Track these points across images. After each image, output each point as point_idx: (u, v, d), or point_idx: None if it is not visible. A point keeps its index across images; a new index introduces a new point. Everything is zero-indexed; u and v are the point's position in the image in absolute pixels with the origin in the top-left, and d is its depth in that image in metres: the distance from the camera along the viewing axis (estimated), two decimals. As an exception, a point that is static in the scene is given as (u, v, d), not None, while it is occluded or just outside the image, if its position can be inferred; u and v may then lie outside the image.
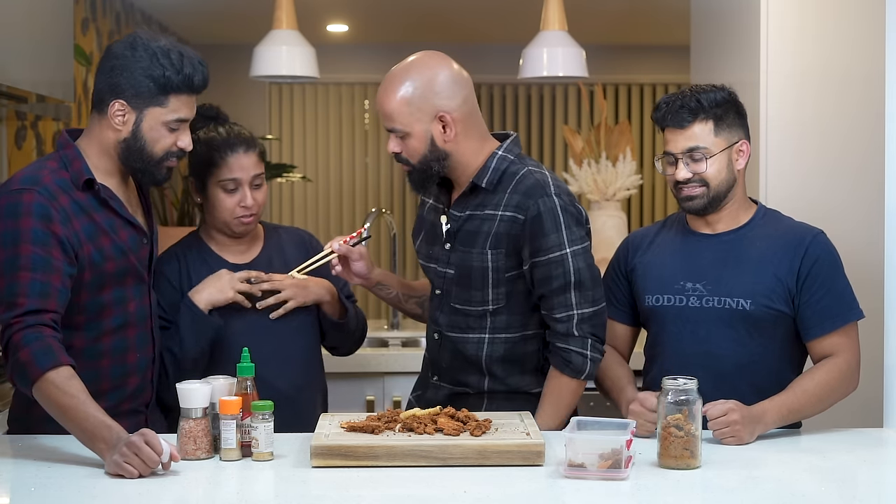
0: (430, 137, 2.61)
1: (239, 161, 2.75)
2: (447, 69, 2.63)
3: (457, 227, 2.69)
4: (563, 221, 2.59)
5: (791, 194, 3.44)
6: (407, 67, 2.63)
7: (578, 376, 2.62)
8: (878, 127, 2.97)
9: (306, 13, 4.91)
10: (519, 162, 2.66)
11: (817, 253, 2.59)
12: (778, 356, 2.62)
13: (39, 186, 2.40)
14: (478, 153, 2.66)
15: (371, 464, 2.25)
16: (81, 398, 2.26)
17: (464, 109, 2.63)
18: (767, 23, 3.51)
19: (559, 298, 2.61)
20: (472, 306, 2.68)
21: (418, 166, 2.64)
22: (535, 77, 4.43)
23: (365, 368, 3.88)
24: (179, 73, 2.45)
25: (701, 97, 2.59)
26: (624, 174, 4.51)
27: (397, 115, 2.60)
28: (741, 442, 2.43)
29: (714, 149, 2.59)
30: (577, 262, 2.59)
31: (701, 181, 2.60)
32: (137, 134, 2.47)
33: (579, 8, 4.95)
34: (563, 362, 2.62)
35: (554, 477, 2.21)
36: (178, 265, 2.83)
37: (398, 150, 2.64)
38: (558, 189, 2.62)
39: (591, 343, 2.62)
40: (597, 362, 2.64)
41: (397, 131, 2.62)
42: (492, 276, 2.64)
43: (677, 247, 2.70)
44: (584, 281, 2.60)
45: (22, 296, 2.33)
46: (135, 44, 2.47)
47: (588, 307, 2.61)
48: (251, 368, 2.38)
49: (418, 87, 2.60)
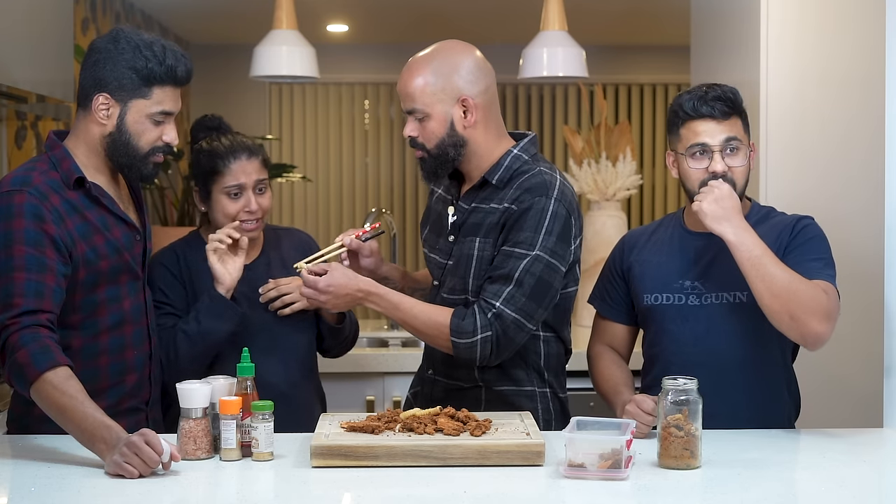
0: (450, 120, 2.61)
1: (242, 167, 2.78)
2: (472, 56, 2.66)
3: (462, 219, 2.68)
4: (547, 225, 2.55)
5: (790, 194, 3.44)
6: (432, 51, 2.65)
7: (451, 334, 2.55)
8: (877, 127, 2.97)
9: (306, 13, 4.91)
10: (532, 162, 2.66)
11: (802, 226, 2.59)
12: (777, 348, 2.62)
13: (30, 187, 2.40)
14: (494, 148, 2.66)
15: (371, 464, 2.25)
16: (80, 398, 2.26)
17: (485, 98, 2.64)
18: (767, 23, 3.51)
19: (494, 286, 2.56)
20: (455, 294, 2.67)
21: (434, 151, 2.63)
22: (535, 77, 4.43)
23: (365, 368, 3.88)
24: (162, 64, 2.46)
25: (733, 92, 2.58)
26: (624, 174, 4.51)
27: (419, 94, 2.60)
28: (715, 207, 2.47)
29: (744, 144, 2.59)
30: (535, 267, 2.54)
31: (729, 180, 2.55)
32: (122, 127, 2.47)
33: (579, 8, 4.95)
34: (461, 313, 2.56)
35: (554, 477, 2.21)
36: (176, 258, 2.85)
37: (415, 134, 2.64)
38: (562, 195, 2.60)
39: (488, 338, 2.54)
40: (472, 353, 2.55)
41: (417, 112, 2.62)
42: (475, 265, 2.63)
43: (675, 245, 2.70)
44: (524, 285, 2.54)
45: (17, 296, 2.33)
46: (117, 37, 2.48)
47: (512, 311, 2.54)
48: (251, 368, 2.39)
49: (443, 69, 2.61)
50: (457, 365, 2.70)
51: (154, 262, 2.81)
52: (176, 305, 2.79)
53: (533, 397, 2.71)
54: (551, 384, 2.74)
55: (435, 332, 2.59)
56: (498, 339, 2.55)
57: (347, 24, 6.41)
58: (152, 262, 2.78)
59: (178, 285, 2.81)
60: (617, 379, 2.68)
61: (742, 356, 2.60)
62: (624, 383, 2.66)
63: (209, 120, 2.91)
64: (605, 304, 2.79)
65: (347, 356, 3.18)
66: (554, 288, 2.59)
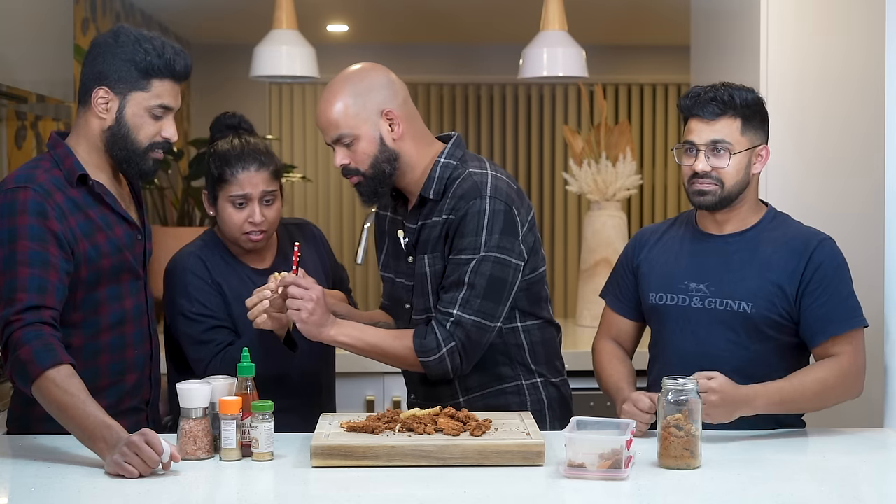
0: (379, 136, 2.61)
1: (249, 177, 2.73)
2: (383, 73, 2.67)
3: (414, 238, 2.68)
4: (487, 225, 2.55)
5: (790, 194, 3.44)
6: (342, 77, 2.65)
7: (418, 355, 2.56)
8: (877, 127, 2.97)
9: (306, 13, 4.90)
10: (461, 165, 2.65)
11: (821, 259, 2.57)
12: (777, 363, 2.60)
13: (34, 184, 2.41)
14: (424, 158, 2.66)
15: (371, 464, 2.25)
16: (81, 397, 2.26)
17: (405, 109, 2.65)
18: (767, 23, 3.51)
19: (448, 295, 2.56)
20: (420, 315, 2.67)
21: (369, 172, 2.62)
22: (535, 77, 4.43)
23: (365, 368, 3.88)
24: (161, 57, 2.47)
25: (734, 93, 2.58)
26: (624, 174, 4.50)
27: (343, 119, 2.60)
28: (711, 420, 2.40)
29: (737, 147, 2.58)
30: (483, 267, 2.55)
31: (716, 179, 2.57)
32: (121, 121, 2.48)
33: (579, 8, 4.95)
34: (422, 332, 2.57)
35: (554, 477, 2.21)
36: (203, 265, 2.77)
37: (346, 161, 2.62)
38: (496, 190, 2.59)
39: (453, 348, 2.55)
40: (443, 367, 2.56)
41: (344, 137, 2.61)
42: (430, 282, 2.64)
43: (685, 246, 2.69)
44: (476, 286, 2.55)
45: (21, 291, 2.33)
46: (118, 33, 2.50)
47: (470, 314, 2.55)
48: (251, 368, 2.39)
49: (359, 89, 2.61)
50: (433, 384, 2.70)
51: (181, 270, 2.76)
52: (219, 316, 2.74)
53: (520, 391, 2.71)
54: (541, 373, 2.74)
55: (402, 356, 2.60)
56: (463, 346, 2.56)
57: (347, 24, 6.40)
58: (178, 268, 2.76)
59: (214, 293, 2.76)
60: (619, 375, 2.68)
61: (740, 365, 2.58)
62: (626, 380, 2.66)
63: (229, 118, 2.87)
64: (615, 298, 2.80)
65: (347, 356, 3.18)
66: (509, 283, 2.59)
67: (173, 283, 2.77)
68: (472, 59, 7.03)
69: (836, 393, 2.56)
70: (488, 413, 2.49)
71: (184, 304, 2.74)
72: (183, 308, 2.74)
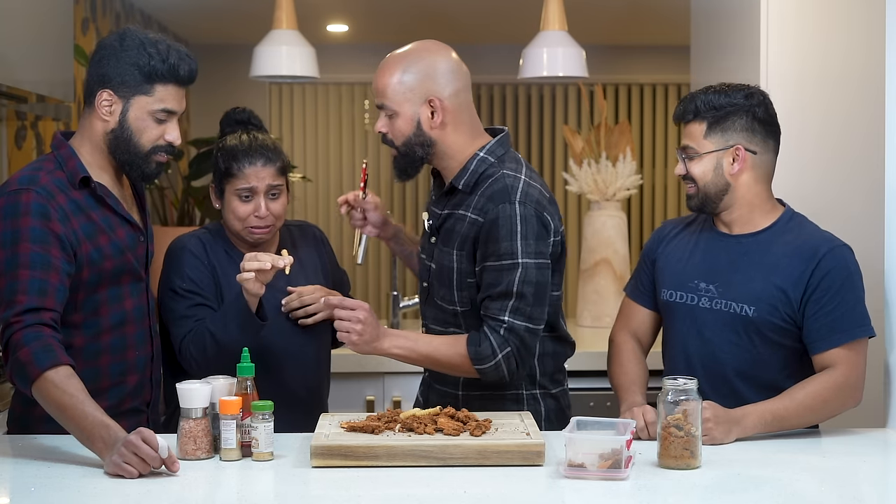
0: (417, 120, 2.62)
1: (256, 171, 2.74)
2: (447, 57, 2.66)
3: (438, 223, 2.70)
4: (520, 231, 2.55)
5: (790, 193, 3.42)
6: (408, 50, 2.66)
7: (473, 363, 2.58)
8: (877, 126, 2.97)
9: (306, 13, 4.91)
10: (498, 164, 2.65)
11: (829, 266, 2.55)
12: (780, 367, 2.60)
13: (37, 186, 2.41)
14: (465, 149, 2.66)
15: (371, 464, 2.25)
16: (80, 397, 2.26)
17: (455, 101, 2.64)
18: (767, 23, 3.51)
19: (497, 304, 2.57)
20: (446, 304, 2.69)
21: (402, 149, 2.65)
22: (535, 77, 4.43)
23: (365, 368, 3.88)
24: (165, 61, 2.47)
25: (699, 98, 2.61)
26: (624, 174, 4.50)
27: (390, 92, 2.62)
28: (713, 441, 2.41)
29: (700, 150, 2.60)
30: (529, 275, 2.55)
31: (692, 180, 2.63)
32: (124, 124, 2.48)
33: (579, 8, 4.95)
34: (475, 339, 2.58)
35: (554, 477, 2.21)
36: (202, 246, 2.79)
37: (385, 130, 2.66)
38: (525, 196, 2.58)
39: (509, 353, 2.56)
40: (499, 373, 2.58)
41: (387, 108, 2.64)
42: (456, 277, 2.65)
43: (700, 244, 2.69)
44: (526, 295, 2.56)
45: (21, 293, 2.33)
46: (124, 35, 2.50)
47: (521, 321, 2.56)
48: (251, 368, 2.38)
49: (415, 69, 2.62)
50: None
51: (178, 248, 2.77)
52: (206, 294, 2.74)
53: (518, 400, 2.71)
54: (543, 385, 2.74)
55: (457, 363, 2.61)
56: (518, 350, 2.57)
57: (347, 24, 6.41)
58: (177, 247, 2.77)
59: (208, 274, 2.76)
60: (632, 377, 2.68)
61: (743, 367, 2.59)
62: (636, 383, 2.66)
63: (238, 113, 2.88)
64: (634, 288, 2.81)
65: (347, 356, 3.18)
66: (549, 284, 2.62)
67: (170, 261, 2.78)
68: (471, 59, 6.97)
69: (832, 406, 2.54)
70: (488, 413, 2.49)
71: (175, 280, 2.74)
72: (173, 283, 2.74)
